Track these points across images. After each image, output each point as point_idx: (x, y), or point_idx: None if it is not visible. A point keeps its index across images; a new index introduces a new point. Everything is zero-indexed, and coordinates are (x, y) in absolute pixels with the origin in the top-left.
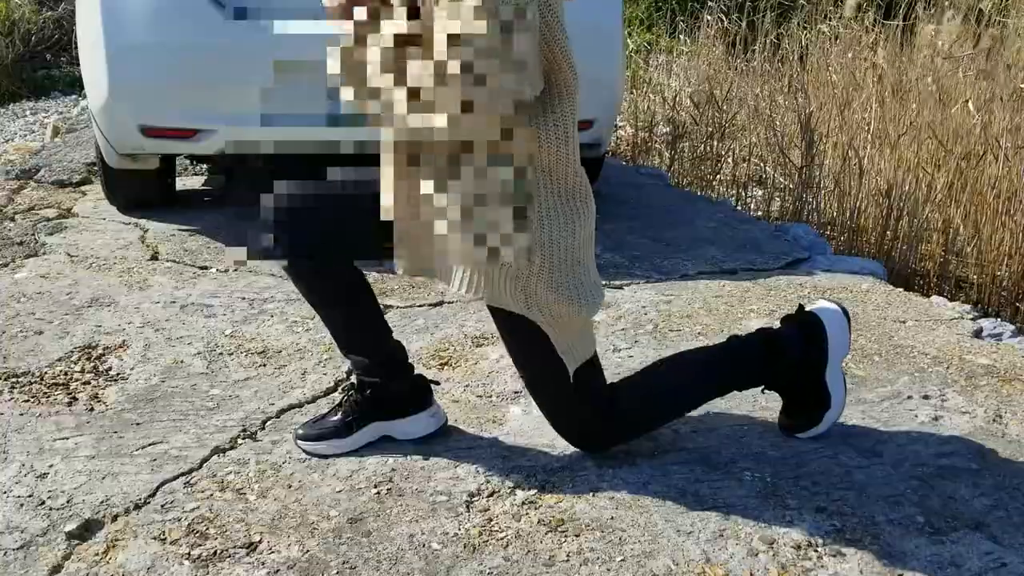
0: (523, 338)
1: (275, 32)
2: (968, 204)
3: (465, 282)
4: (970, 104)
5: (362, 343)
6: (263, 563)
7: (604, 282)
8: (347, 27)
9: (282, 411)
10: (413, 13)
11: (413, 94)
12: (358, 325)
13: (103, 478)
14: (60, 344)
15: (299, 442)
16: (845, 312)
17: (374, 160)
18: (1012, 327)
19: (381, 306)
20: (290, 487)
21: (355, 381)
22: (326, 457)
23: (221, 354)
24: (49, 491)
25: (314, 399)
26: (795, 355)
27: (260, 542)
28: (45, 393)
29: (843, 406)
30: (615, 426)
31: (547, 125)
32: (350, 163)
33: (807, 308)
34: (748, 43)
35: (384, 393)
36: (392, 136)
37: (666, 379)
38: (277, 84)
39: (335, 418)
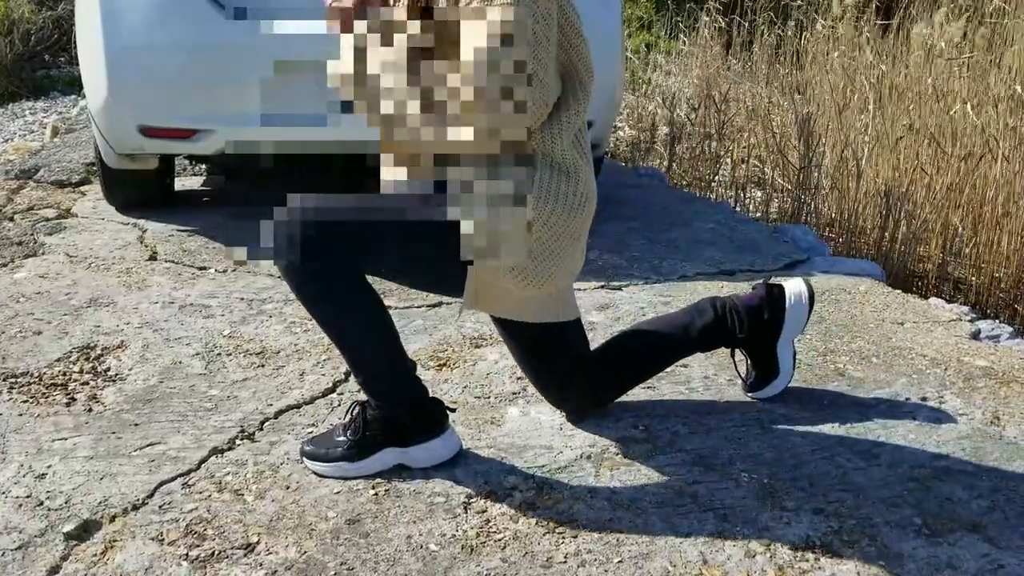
0: (536, 339)
1: (275, 32)
2: (967, 206)
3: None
4: (967, 106)
5: (371, 361)
6: (261, 564)
7: (602, 283)
8: (340, 32)
9: (280, 412)
10: (425, 24)
11: (426, 106)
12: (365, 339)
13: (101, 479)
14: (59, 344)
15: (307, 460)
16: (811, 294)
17: (374, 160)
18: (1010, 329)
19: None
20: (288, 488)
21: (371, 403)
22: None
23: (219, 355)
24: (47, 492)
25: (312, 400)
26: (748, 314)
27: (258, 543)
28: (44, 393)
29: (790, 378)
30: (595, 392)
31: (560, 121)
32: (350, 163)
33: (778, 280)
34: (744, 44)
35: (395, 417)
36: (392, 138)
37: (639, 346)
38: (277, 81)
39: (342, 439)
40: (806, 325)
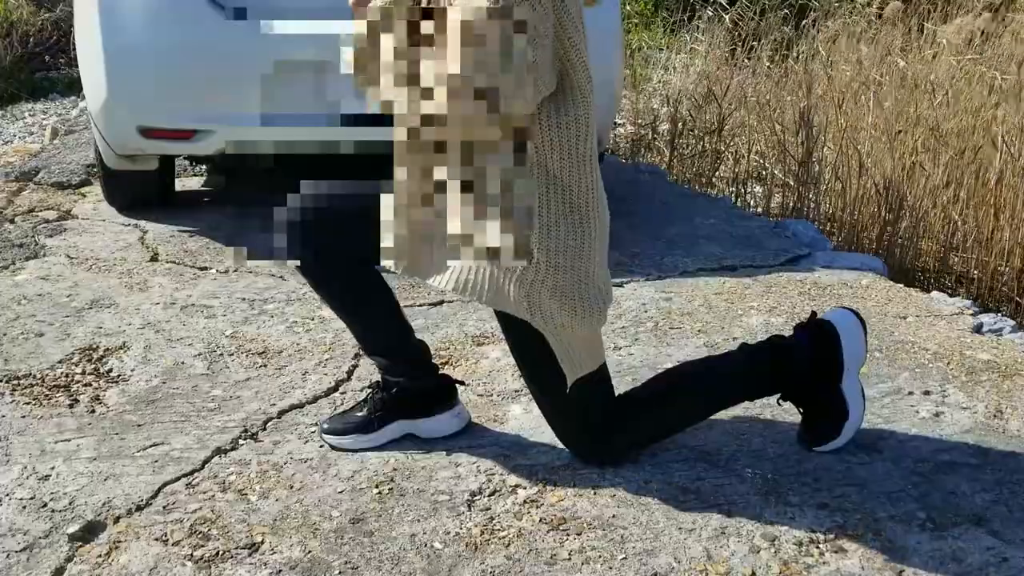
0: (524, 340)
1: (275, 32)
2: (969, 200)
3: (468, 284)
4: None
5: (384, 343)
6: (265, 564)
7: None
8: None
9: (283, 412)
10: (427, 12)
11: (426, 93)
12: (377, 326)
13: (105, 480)
14: (61, 346)
15: (324, 435)
16: (860, 318)
17: (373, 160)
18: (1012, 322)
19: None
20: (292, 488)
21: (380, 379)
22: (351, 451)
23: (222, 355)
24: (51, 493)
25: (315, 399)
26: (804, 364)
27: (262, 543)
28: (46, 395)
29: (862, 418)
30: (609, 444)
31: (559, 127)
32: (349, 162)
33: (820, 316)
34: (748, 41)
35: (408, 392)
36: (402, 130)
37: (673, 399)
38: (276, 80)
39: (360, 414)
40: (867, 351)
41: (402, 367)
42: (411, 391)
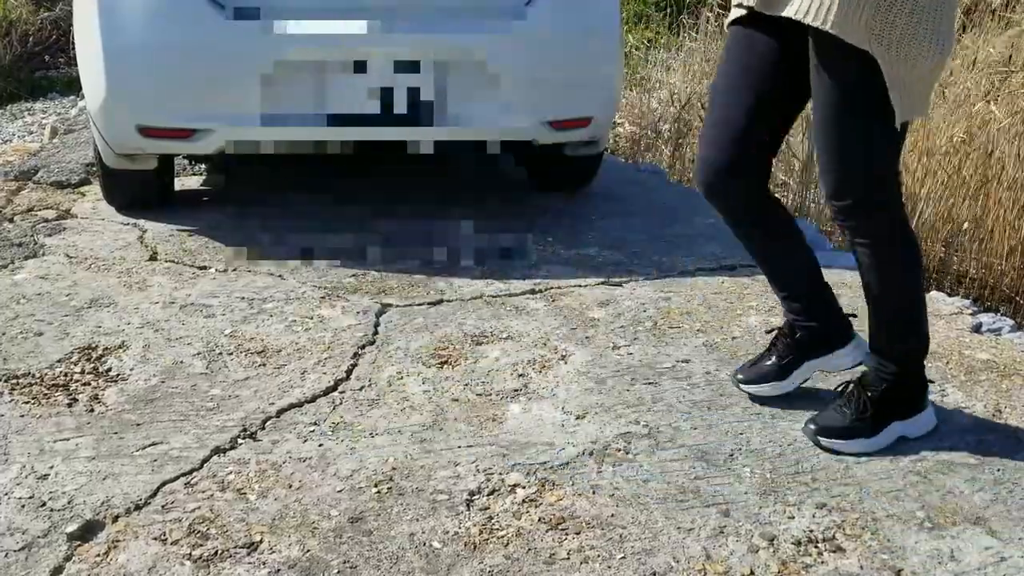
0: (847, 80)
1: (275, 32)
2: (970, 199)
3: (816, 9)
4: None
5: (797, 286)
6: (264, 563)
7: (603, 279)
8: None
9: (282, 411)
10: None
11: None
12: (792, 268)
13: (104, 479)
14: (60, 345)
15: (742, 386)
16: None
17: (373, 160)
18: (1011, 322)
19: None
20: (290, 487)
21: (785, 325)
22: (769, 396)
23: (220, 354)
24: (50, 492)
25: (314, 398)
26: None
27: (261, 542)
28: (45, 394)
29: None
30: (872, 210)
31: None
32: (349, 163)
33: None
34: None
35: (814, 333)
36: None
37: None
38: (276, 80)
39: (769, 362)
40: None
41: (812, 311)
42: (817, 332)
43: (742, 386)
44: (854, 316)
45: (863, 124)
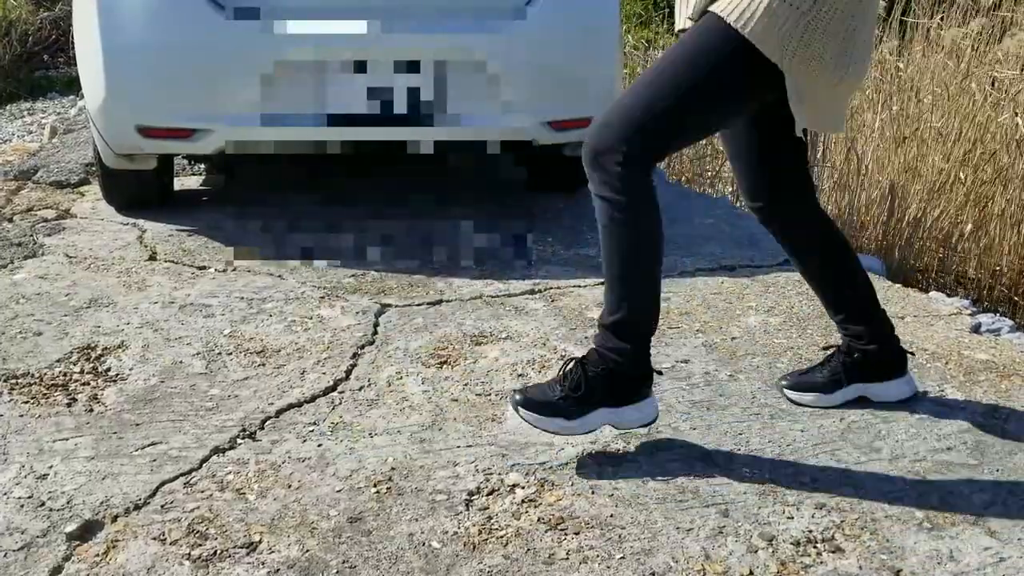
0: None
1: (275, 32)
2: (970, 202)
3: (741, 11)
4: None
5: (856, 311)
6: (263, 563)
7: (602, 280)
8: None
9: (281, 411)
10: None
11: None
12: (847, 287)
13: (103, 479)
14: (59, 345)
15: (786, 391)
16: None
17: (373, 160)
18: (1011, 322)
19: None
20: (290, 487)
21: (844, 344)
22: (810, 407)
23: (220, 354)
24: (49, 492)
25: (313, 399)
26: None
27: (260, 542)
28: (44, 394)
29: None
30: (615, 160)
31: None
32: (349, 163)
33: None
34: None
35: (870, 357)
36: None
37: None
38: (276, 80)
39: (820, 376)
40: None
41: (870, 336)
42: (873, 357)
43: (786, 391)
44: (912, 354)
45: (686, 80)
